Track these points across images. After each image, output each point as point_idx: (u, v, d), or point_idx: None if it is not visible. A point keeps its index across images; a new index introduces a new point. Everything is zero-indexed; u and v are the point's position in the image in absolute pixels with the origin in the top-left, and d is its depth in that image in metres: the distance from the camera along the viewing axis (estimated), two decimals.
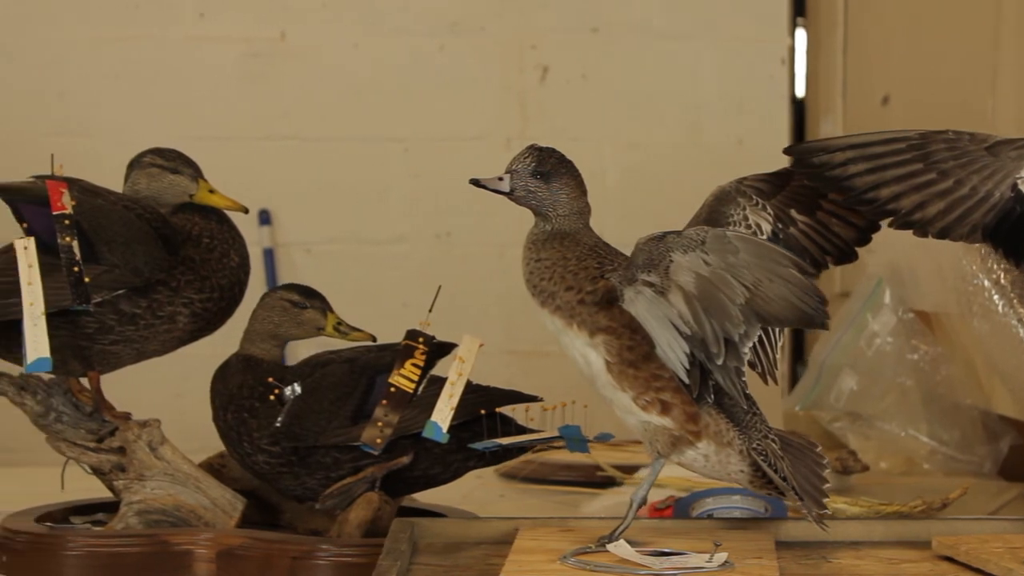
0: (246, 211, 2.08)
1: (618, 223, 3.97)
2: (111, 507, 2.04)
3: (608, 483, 2.36)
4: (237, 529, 1.89)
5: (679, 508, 1.98)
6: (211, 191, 2.08)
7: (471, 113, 3.99)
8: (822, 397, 2.61)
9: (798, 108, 4.00)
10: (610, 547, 1.60)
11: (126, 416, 2.03)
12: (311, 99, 3.98)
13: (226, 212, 2.09)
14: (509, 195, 1.70)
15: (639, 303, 1.63)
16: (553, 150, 1.71)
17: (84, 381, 2.05)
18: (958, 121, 1.78)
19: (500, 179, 1.69)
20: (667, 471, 2.26)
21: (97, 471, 1.98)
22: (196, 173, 2.08)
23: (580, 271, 1.66)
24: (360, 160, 3.92)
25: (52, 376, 2.04)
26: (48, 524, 1.96)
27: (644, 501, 1.67)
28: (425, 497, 2.03)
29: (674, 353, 1.63)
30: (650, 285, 1.62)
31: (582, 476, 2.41)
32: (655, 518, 2.01)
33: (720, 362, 1.62)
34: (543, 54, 3.99)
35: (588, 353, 1.65)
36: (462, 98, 3.99)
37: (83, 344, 1.96)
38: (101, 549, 1.86)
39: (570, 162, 1.72)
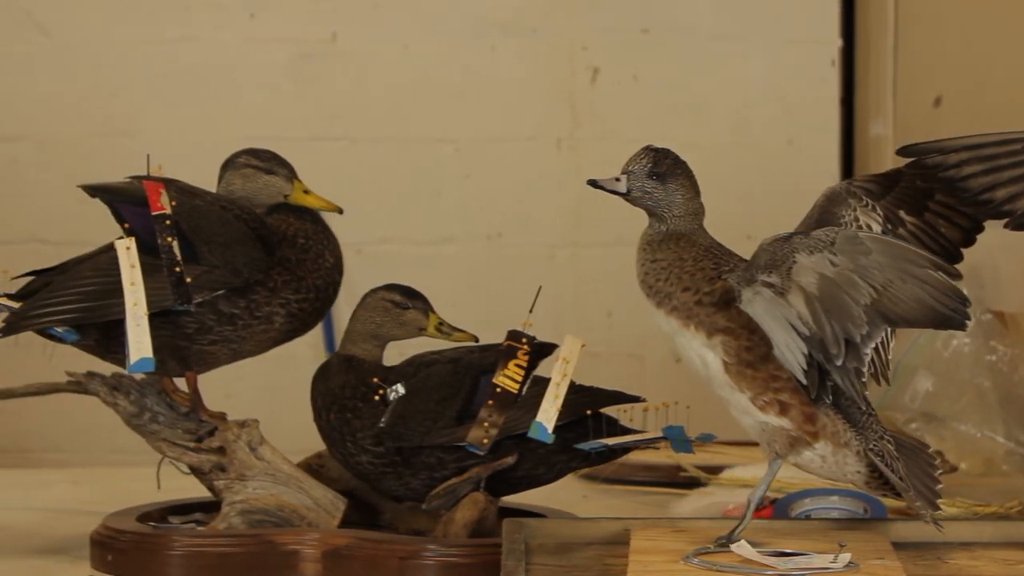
0: (341, 211, 2.09)
1: None
2: (208, 507, 2.05)
3: (691, 484, 2.36)
4: (344, 529, 1.89)
5: (778, 509, 1.98)
6: (306, 191, 2.08)
7: (522, 114, 3.99)
8: (897, 398, 2.61)
9: (847, 109, 4.01)
10: (733, 547, 1.60)
11: (222, 416, 2.03)
12: (362, 100, 3.98)
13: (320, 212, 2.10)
14: (625, 196, 1.70)
15: (757, 304, 1.64)
16: (668, 151, 1.72)
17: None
18: (1013, 124, 1.78)
19: (617, 180, 1.70)
20: (754, 472, 2.27)
21: (196, 471, 1.98)
22: (291, 174, 2.08)
23: (697, 272, 1.66)
24: (410, 161, 3.92)
25: (144, 376, 2.05)
26: (152, 524, 1.96)
27: (762, 502, 1.68)
28: (510, 498, 2.02)
29: (792, 354, 1.64)
30: (769, 286, 1.62)
31: (664, 477, 2.42)
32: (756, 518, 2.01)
33: (839, 363, 1.62)
34: (594, 55, 4.00)
35: (705, 354, 1.65)
36: (513, 99, 4.00)
37: (182, 344, 1.96)
38: (206, 549, 1.86)
39: (684, 163, 1.72)
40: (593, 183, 1.70)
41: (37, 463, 3.77)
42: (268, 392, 3.74)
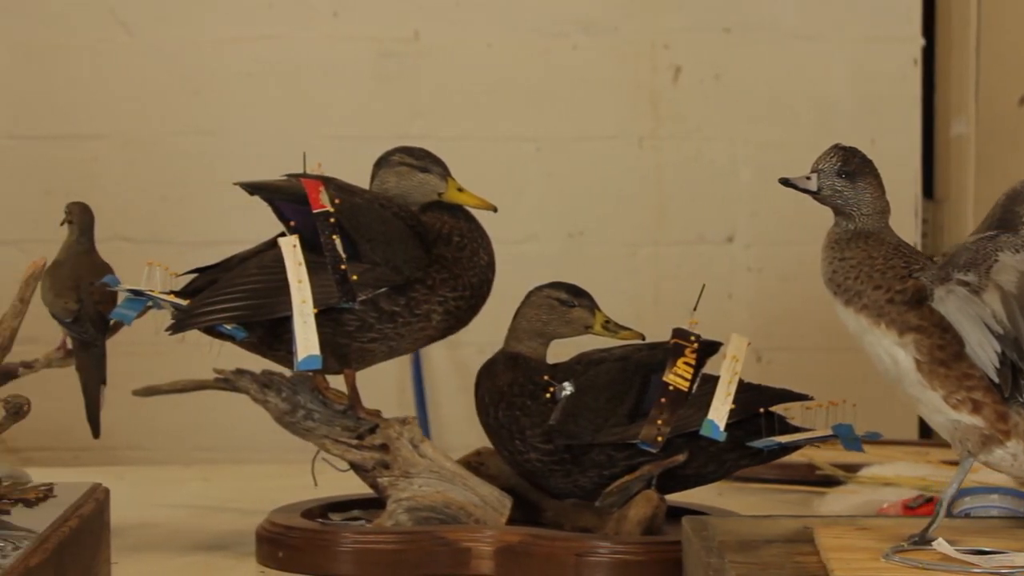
0: (495, 209, 2.09)
1: (750, 222, 3.99)
2: (365, 504, 2.05)
3: (827, 482, 2.36)
4: (516, 527, 1.89)
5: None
6: (459, 189, 2.09)
7: (604, 113, 4.00)
8: None
9: (927, 108, 4.01)
10: (934, 545, 1.60)
11: (378, 413, 2.03)
12: (444, 98, 3.99)
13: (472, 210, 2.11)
14: (815, 194, 1.70)
15: (950, 302, 1.64)
16: (856, 149, 1.72)
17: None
18: None
19: (808, 178, 1.70)
20: (895, 470, 2.27)
21: (359, 468, 1.99)
22: (444, 172, 2.09)
23: (888, 270, 1.66)
24: (492, 160, 3.93)
25: (294, 373, 2.05)
26: (320, 520, 1.96)
27: (954, 500, 1.68)
28: None
29: (985, 352, 1.64)
30: (965, 284, 1.62)
31: (799, 475, 2.42)
32: (909, 515, 2.02)
33: None
34: (675, 54, 4.00)
35: (896, 352, 1.66)
36: (595, 98, 4.00)
37: (342, 342, 1.97)
38: (377, 546, 1.86)
39: (871, 161, 1.72)
40: (785, 181, 1.71)
41: (121, 460, 3.78)
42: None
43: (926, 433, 3.50)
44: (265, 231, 4.22)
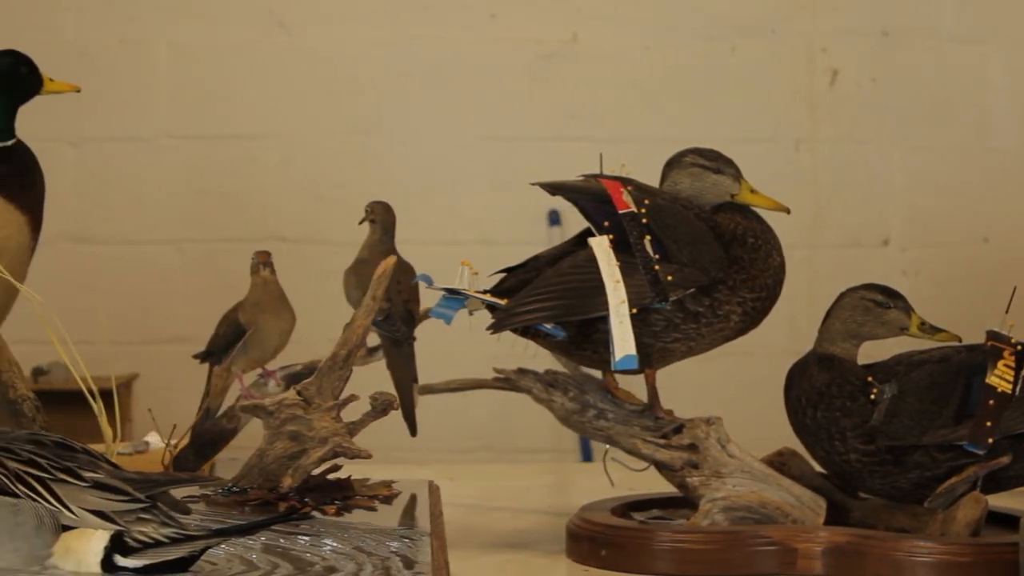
0: (788, 211, 2.10)
1: (906, 225, 4.00)
2: (663, 503, 2.06)
3: None
4: (842, 527, 1.90)
5: None
6: (752, 191, 2.09)
7: (761, 115, 4.01)
8: None
9: None
10: None
11: (671, 413, 2.04)
12: (601, 101, 4.00)
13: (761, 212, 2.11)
14: None
15: None
16: None
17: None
18: None
19: None
20: None
21: (665, 467, 1.99)
22: (737, 173, 2.09)
23: None
24: (649, 161, 3.89)
25: (578, 372, 2.06)
26: (641, 519, 1.97)
27: None
28: None
29: None
30: None
31: None
32: None
33: None
34: (833, 57, 4.01)
35: None
36: (752, 100, 4.01)
37: (648, 342, 1.97)
38: (700, 546, 1.87)
39: None
40: None
41: None
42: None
43: None
44: (420, 233, 4.21)
